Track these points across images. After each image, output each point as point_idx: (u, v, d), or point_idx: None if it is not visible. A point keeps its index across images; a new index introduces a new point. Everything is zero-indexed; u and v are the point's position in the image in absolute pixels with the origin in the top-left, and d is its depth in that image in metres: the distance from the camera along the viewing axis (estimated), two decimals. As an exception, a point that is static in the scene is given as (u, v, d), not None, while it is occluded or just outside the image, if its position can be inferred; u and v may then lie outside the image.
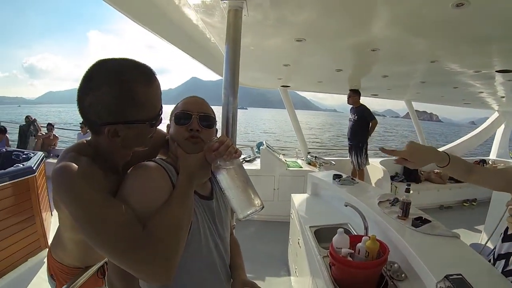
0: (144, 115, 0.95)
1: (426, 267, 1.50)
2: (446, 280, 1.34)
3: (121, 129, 0.94)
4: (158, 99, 0.99)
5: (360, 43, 2.61)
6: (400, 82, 4.74)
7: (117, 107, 0.90)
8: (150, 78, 0.94)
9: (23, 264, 3.34)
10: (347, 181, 3.12)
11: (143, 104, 0.93)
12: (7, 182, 3.18)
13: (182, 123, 1.13)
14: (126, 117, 0.92)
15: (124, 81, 0.89)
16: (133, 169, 1.00)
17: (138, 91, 0.91)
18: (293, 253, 3.21)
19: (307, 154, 6.26)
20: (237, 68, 1.74)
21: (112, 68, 0.90)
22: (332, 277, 1.77)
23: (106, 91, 0.87)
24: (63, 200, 0.87)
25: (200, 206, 1.11)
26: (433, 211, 5.91)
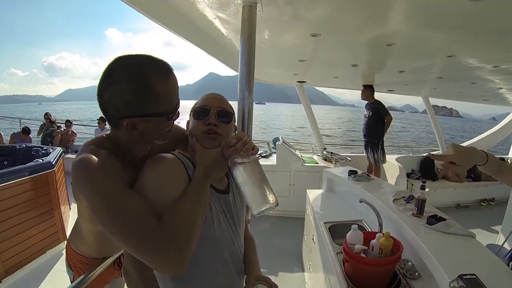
0: (162, 108, 0.97)
1: (440, 266, 1.49)
2: (460, 279, 1.32)
3: (139, 122, 0.96)
4: (175, 93, 1.00)
5: (376, 38, 2.58)
6: (417, 78, 4.66)
7: (135, 100, 0.92)
8: (167, 72, 0.96)
9: (42, 255, 3.46)
10: (363, 177, 3.11)
11: (160, 98, 0.95)
12: (27, 176, 3.29)
13: (201, 118, 1.14)
14: (143, 110, 0.94)
15: (141, 75, 0.91)
16: (150, 161, 1.01)
17: (155, 85, 0.92)
18: (307, 249, 3.21)
19: (323, 150, 6.24)
20: (253, 63, 1.75)
21: (130, 63, 0.92)
22: (345, 274, 1.78)
23: (124, 85, 0.90)
24: (82, 191, 0.90)
25: (216, 199, 1.12)
26: (450, 210, 5.80)
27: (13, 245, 3.14)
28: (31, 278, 3.17)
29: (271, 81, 6.39)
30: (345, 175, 3.23)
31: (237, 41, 2.47)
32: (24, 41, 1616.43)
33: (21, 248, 3.23)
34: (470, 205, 6.24)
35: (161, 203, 0.93)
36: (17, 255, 3.18)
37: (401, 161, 5.94)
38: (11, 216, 3.12)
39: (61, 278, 2.98)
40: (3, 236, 3.04)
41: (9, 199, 3.10)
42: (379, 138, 5.49)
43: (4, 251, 3.05)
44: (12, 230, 3.13)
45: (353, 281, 1.70)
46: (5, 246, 3.05)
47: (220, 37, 3.08)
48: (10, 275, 3.09)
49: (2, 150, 4.91)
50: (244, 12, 1.72)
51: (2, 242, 3.03)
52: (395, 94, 7.01)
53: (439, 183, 6.20)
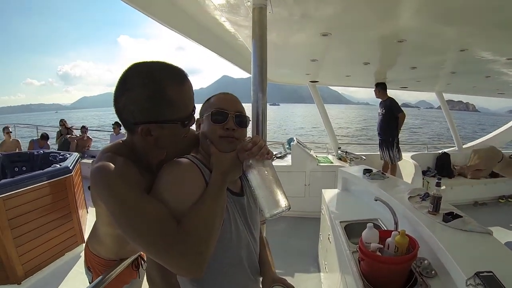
0: (176, 115, 0.98)
1: (456, 264, 1.48)
2: (476, 277, 1.32)
3: (154, 128, 0.97)
4: (190, 99, 1.01)
5: (386, 35, 2.57)
6: (430, 73, 4.61)
7: (149, 107, 0.93)
8: (181, 78, 0.97)
9: (60, 258, 3.55)
10: (377, 175, 3.09)
11: (175, 104, 0.96)
12: (45, 181, 3.38)
13: (218, 121, 1.12)
14: (158, 117, 0.95)
15: (155, 82, 0.92)
16: (166, 166, 1.03)
17: (169, 92, 0.93)
18: (323, 249, 3.21)
19: (337, 149, 6.22)
20: (265, 64, 1.76)
21: (144, 70, 0.94)
22: (361, 273, 1.77)
23: (139, 92, 0.92)
24: (101, 197, 0.93)
25: (232, 201, 1.13)
26: (467, 208, 5.68)
27: (33, 247, 3.23)
28: (50, 280, 3.25)
29: (284, 81, 6.40)
30: (360, 174, 3.22)
31: (248, 43, 2.49)
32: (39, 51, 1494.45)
33: (40, 251, 3.32)
34: (488, 202, 6.09)
35: (179, 207, 0.95)
36: (36, 257, 3.27)
37: (416, 158, 5.86)
38: (31, 220, 3.21)
39: (79, 280, 3.05)
40: (23, 239, 3.13)
41: (28, 203, 3.18)
42: (393, 136, 5.43)
43: (24, 253, 3.14)
44: (32, 233, 3.22)
45: (369, 280, 1.69)
46: (25, 249, 3.14)
47: (232, 39, 3.11)
48: (29, 277, 3.18)
49: (21, 156, 5.06)
50: (254, 14, 1.74)
51: (22, 245, 3.12)
52: (409, 91, 6.93)
53: (456, 180, 6.10)
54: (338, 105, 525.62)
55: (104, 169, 0.94)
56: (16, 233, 3.07)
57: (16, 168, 4.85)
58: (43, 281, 3.23)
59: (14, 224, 3.05)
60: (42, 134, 7.44)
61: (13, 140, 7.36)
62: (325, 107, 6.55)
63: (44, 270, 3.34)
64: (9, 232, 3.00)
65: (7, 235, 2.99)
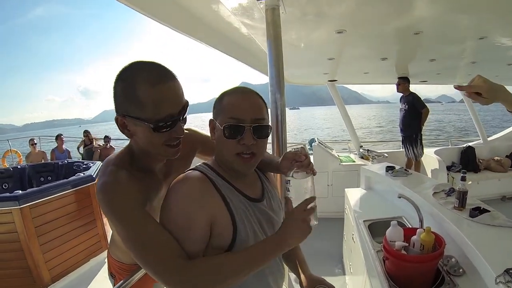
0: (145, 115, 0.94)
1: (485, 261, 1.42)
2: (507, 274, 1.27)
3: (129, 123, 0.98)
4: (162, 103, 0.94)
5: (401, 27, 2.53)
6: (449, 65, 4.50)
7: (122, 100, 0.95)
8: (155, 80, 0.93)
9: (85, 263, 3.65)
10: (400, 172, 3.03)
11: (143, 104, 0.93)
12: (70, 190, 3.51)
13: (232, 137, 0.97)
14: (128, 112, 0.95)
15: (129, 79, 0.94)
16: (175, 183, 0.97)
17: (139, 90, 0.92)
18: (348, 249, 3.18)
19: (359, 148, 6.16)
20: (281, 64, 1.77)
21: (127, 67, 0.96)
22: (386, 272, 1.73)
23: (117, 85, 0.96)
24: (105, 214, 0.97)
25: (250, 208, 1.04)
26: (495, 203, 5.48)
27: (59, 254, 3.35)
28: (76, 285, 3.36)
29: (302, 82, 6.40)
30: (383, 172, 3.17)
31: (264, 44, 2.50)
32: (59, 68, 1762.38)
33: (66, 257, 3.43)
34: (517, 196, 5.88)
35: (189, 229, 0.91)
36: (62, 263, 3.39)
37: (440, 153, 5.74)
38: (57, 227, 3.33)
39: (104, 285, 3.10)
40: (50, 246, 3.25)
41: (54, 211, 3.30)
42: (417, 132, 5.30)
43: (51, 259, 3.26)
44: (58, 240, 3.34)
45: (394, 280, 1.65)
46: (51, 255, 3.26)
47: (248, 43, 3.13)
48: (55, 282, 3.29)
49: (46, 166, 5.27)
50: (268, 15, 1.76)
51: (49, 251, 3.24)
52: (428, 84, 6.78)
53: (482, 174, 5.90)
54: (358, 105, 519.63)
55: (106, 188, 0.96)
56: (43, 240, 3.18)
57: (42, 178, 5.03)
58: (69, 286, 3.34)
59: (41, 231, 3.17)
60: (57, 136, 7.66)
61: (38, 151, 7.60)
62: (345, 107, 6.49)
63: (70, 275, 3.44)
64: (36, 239, 3.12)
65: (34, 242, 3.11)
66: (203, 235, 0.93)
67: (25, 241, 3.06)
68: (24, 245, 3.07)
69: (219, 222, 0.94)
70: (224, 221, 0.95)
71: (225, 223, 0.95)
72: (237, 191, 1.03)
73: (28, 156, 7.45)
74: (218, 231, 0.94)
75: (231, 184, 1.03)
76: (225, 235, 0.95)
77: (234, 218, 0.97)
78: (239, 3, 1.83)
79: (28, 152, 7.52)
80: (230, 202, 0.98)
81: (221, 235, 0.95)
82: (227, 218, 0.96)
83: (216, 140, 1.04)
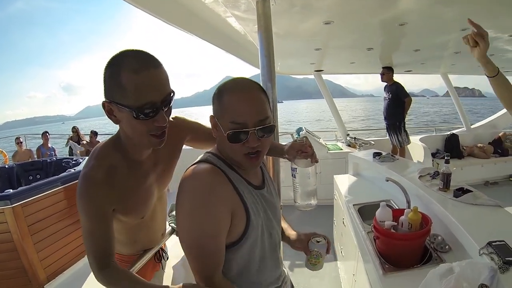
0: (127, 101, 0.96)
1: (469, 236, 1.51)
2: (489, 246, 1.35)
3: (114, 108, 1.00)
4: (145, 90, 0.96)
5: (387, 19, 2.60)
6: (433, 55, 4.62)
7: (108, 86, 0.99)
8: (138, 67, 0.94)
9: (80, 260, 3.60)
10: (387, 158, 3.11)
11: (125, 90, 0.95)
12: (61, 186, 3.46)
13: (237, 141, 0.96)
14: (113, 97, 0.98)
15: (115, 65, 0.97)
16: (189, 182, 0.95)
17: (122, 77, 0.94)
18: (338, 233, 3.25)
19: (346, 136, 6.26)
20: (272, 55, 1.82)
21: (117, 54, 0.99)
22: (377, 251, 1.81)
23: (105, 71, 0.99)
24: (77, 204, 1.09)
25: (256, 196, 1.06)
26: (478, 188, 5.47)
27: (53, 252, 3.30)
28: (72, 282, 3.31)
29: (290, 72, 6.47)
30: (370, 158, 3.24)
31: (254, 36, 2.53)
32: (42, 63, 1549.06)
33: (60, 254, 3.39)
34: (499, 181, 6.06)
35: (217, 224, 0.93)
36: (57, 261, 3.34)
37: (425, 141, 5.89)
38: (50, 225, 3.29)
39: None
40: (44, 244, 3.20)
41: (46, 208, 3.26)
42: (400, 120, 5.47)
43: (45, 258, 3.21)
44: (51, 237, 3.30)
45: (385, 258, 1.73)
46: (45, 253, 3.21)
47: (238, 35, 3.18)
48: (51, 281, 3.24)
49: (34, 164, 5.13)
50: (258, 7, 1.79)
51: (43, 250, 3.19)
52: (413, 74, 6.90)
53: (466, 160, 6.10)
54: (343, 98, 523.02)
55: (82, 184, 1.07)
56: (36, 239, 3.14)
57: (31, 177, 4.91)
58: (65, 284, 3.30)
59: (34, 230, 3.13)
60: (43, 133, 7.62)
61: (25, 150, 7.50)
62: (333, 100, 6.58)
63: (65, 273, 3.40)
64: (30, 238, 3.07)
65: (28, 241, 3.05)
66: (227, 227, 0.95)
67: (18, 241, 3.00)
68: (18, 245, 3.02)
69: (236, 214, 0.96)
70: (239, 212, 0.97)
71: (241, 214, 0.98)
72: (245, 181, 1.04)
73: (14, 155, 7.35)
74: (235, 222, 0.96)
75: (239, 174, 1.03)
76: (239, 225, 0.98)
77: (247, 208, 0.99)
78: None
79: (15, 151, 7.42)
80: (243, 193, 0.99)
81: (236, 226, 0.97)
82: (242, 209, 0.98)
83: (218, 138, 1.03)
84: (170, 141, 1.18)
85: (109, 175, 1.08)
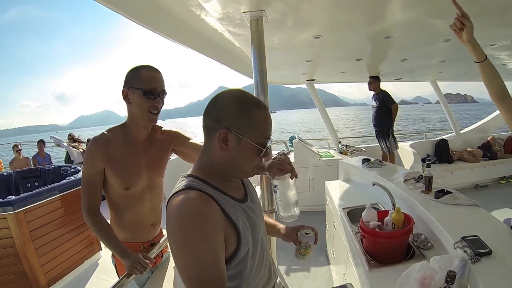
0: (141, 85, 1.46)
1: (446, 232, 1.66)
2: (463, 240, 1.50)
3: (129, 92, 1.49)
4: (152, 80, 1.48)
5: (373, 33, 2.75)
6: (420, 64, 4.76)
7: (129, 78, 1.49)
8: (151, 69, 1.50)
9: (80, 265, 3.65)
10: (376, 164, 3.25)
11: (143, 79, 1.47)
12: (62, 193, 3.54)
13: (266, 155, 1.02)
14: (131, 84, 1.48)
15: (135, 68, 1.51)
16: (179, 213, 0.91)
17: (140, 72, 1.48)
18: (330, 237, 3.37)
19: (338, 143, 6.40)
20: (265, 69, 1.97)
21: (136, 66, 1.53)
22: (364, 249, 1.95)
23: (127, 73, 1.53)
24: None
25: (242, 210, 1.06)
26: (469, 191, 5.81)
27: (54, 257, 3.36)
28: (72, 287, 3.37)
29: (282, 82, 6.59)
30: (359, 164, 3.39)
31: (248, 50, 2.66)
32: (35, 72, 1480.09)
33: (60, 260, 3.44)
34: (489, 184, 6.23)
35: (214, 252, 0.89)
36: (57, 266, 3.39)
37: (415, 147, 6.04)
38: (51, 230, 3.35)
39: (100, 286, 3.21)
40: (44, 250, 3.26)
41: (47, 214, 3.33)
42: (388, 127, 5.61)
43: (46, 263, 3.26)
44: (52, 243, 3.35)
45: (371, 255, 1.86)
46: (46, 259, 3.27)
47: (232, 47, 3.29)
48: (52, 286, 3.29)
49: (32, 172, 5.13)
50: (252, 25, 1.95)
51: (44, 255, 3.25)
52: (403, 82, 7.06)
53: (455, 165, 6.24)
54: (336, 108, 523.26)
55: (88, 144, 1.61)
56: (37, 244, 3.19)
57: (29, 184, 4.91)
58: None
59: (35, 235, 3.18)
60: (39, 141, 7.69)
61: (23, 157, 7.56)
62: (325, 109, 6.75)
63: (65, 278, 3.44)
64: (31, 244, 3.13)
65: (30, 246, 3.11)
66: (224, 252, 0.94)
67: (20, 246, 3.05)
68: (20, 250, 3.07)
69: (228, 236, 0.95)
70: (230, 234, 0.96)
71: (232, 235, 0.97)
72: (228, 197, 1.03)
73: (12, 162, 7.41)
74: (228, 244, 0.96)
75: (223, 191, 1.02)
76: (231, 245, 0.97)
77: (237, 228, 0.98)
78: (226, 13, 1.99)
79: (12, 158, 7.49)
80: (230, 214, 0.97)
81: (229, 247, 0.96)
82: (233, 230, 0.97)
83: (231, 152, 0.99)
84: (161, 140, 1.69)
85: (108, 140, 1.54)
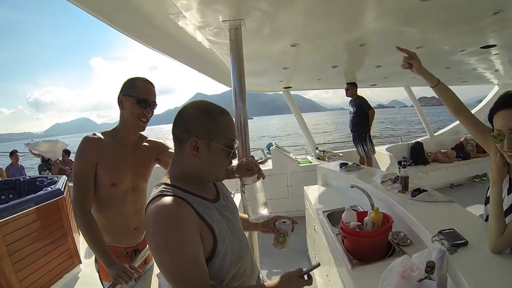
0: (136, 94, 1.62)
1: (423, 227, 1.74)
2: (440, 234, 1.58)
3: (124, 99, 1.64)
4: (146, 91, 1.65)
5: (348, 40, 2.83)
6: (394, 70, 4.89)
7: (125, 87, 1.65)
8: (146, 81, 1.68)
9: (59, 280, 3.55)
10: (353, 167, 3.33)
11: (138, 88, 1.63)
12: (39, 205, 3.41)
13: (233, 156, 1.13)
14: (127, 92, 1.64)
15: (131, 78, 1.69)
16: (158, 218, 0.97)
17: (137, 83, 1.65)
18: (311, 240, 3.41)
19: (315, 149, 6.47)
20: (243, 77, 2.02)
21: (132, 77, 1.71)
22: (345, 249, 2.00)
23: (124, 82, 1.69)
24: None
25: (215, 209, 1.11)
26: (444, 190, 5.94)
27: (32, 272, 3.24)
28: None
29: (260, 90, 6.64)
30: (337, 168, 3.46)
31: (227, 58, 2.70)
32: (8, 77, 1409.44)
33: (39, 274, 3.33)
34: (464, 183, 6.49)
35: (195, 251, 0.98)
36: (36, 281, 3.27)
37: (391, 150, 6.21)
38: (28, 244, 3.23)
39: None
40: (22, 264, 3.14)
41: (24, 227, 3.21)
42: (365, 131, 5.74)
43: (24, 278, 3.14)
44: (30, 257, 3.23)
45: (353, 254, 1.92)
46: (24, 274, 3.15)
47: (210, 55, 3.31)
48: None
49: (7, 184, 4.93)
50: (231, 34, 2.00)
51: (21, 270, 3.13)
52: (378, 87, 7.24)
53: (431, 166, 6.48)
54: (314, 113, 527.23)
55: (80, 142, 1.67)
56: (15, 259, 3.07)
57: (3, 196, 4.74)
58: None
59: (12, 249, 3.06)
60: (11, 152, 7.48)
61: (-4, 169, 7.27)
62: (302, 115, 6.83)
63: None
64: (8, 258, 3.00)
65: (6, 261, 2.98)
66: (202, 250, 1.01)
67: None
68: None
69: (203, 235, 1.01)
70: (205, 233, 1.02)
71: (207, 234, 1.02)
72: (201, 198, 1.08)
73: (-16, 174, 7.06)
74: (204, 242, 1.01)
75: (195, 194, 1.07)
76: (208, 244, 1.03)
77: (211, 227, 1.03)
78: (206, 22, 2.03)
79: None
80: (203, 214, 1.03)
81: (206, 245, 1.02)
82: (207, 229, 1.03)
83: (203, 158, 1.07)
84: (146, 148, 1.83)
85: (100, 138, 1.68)
